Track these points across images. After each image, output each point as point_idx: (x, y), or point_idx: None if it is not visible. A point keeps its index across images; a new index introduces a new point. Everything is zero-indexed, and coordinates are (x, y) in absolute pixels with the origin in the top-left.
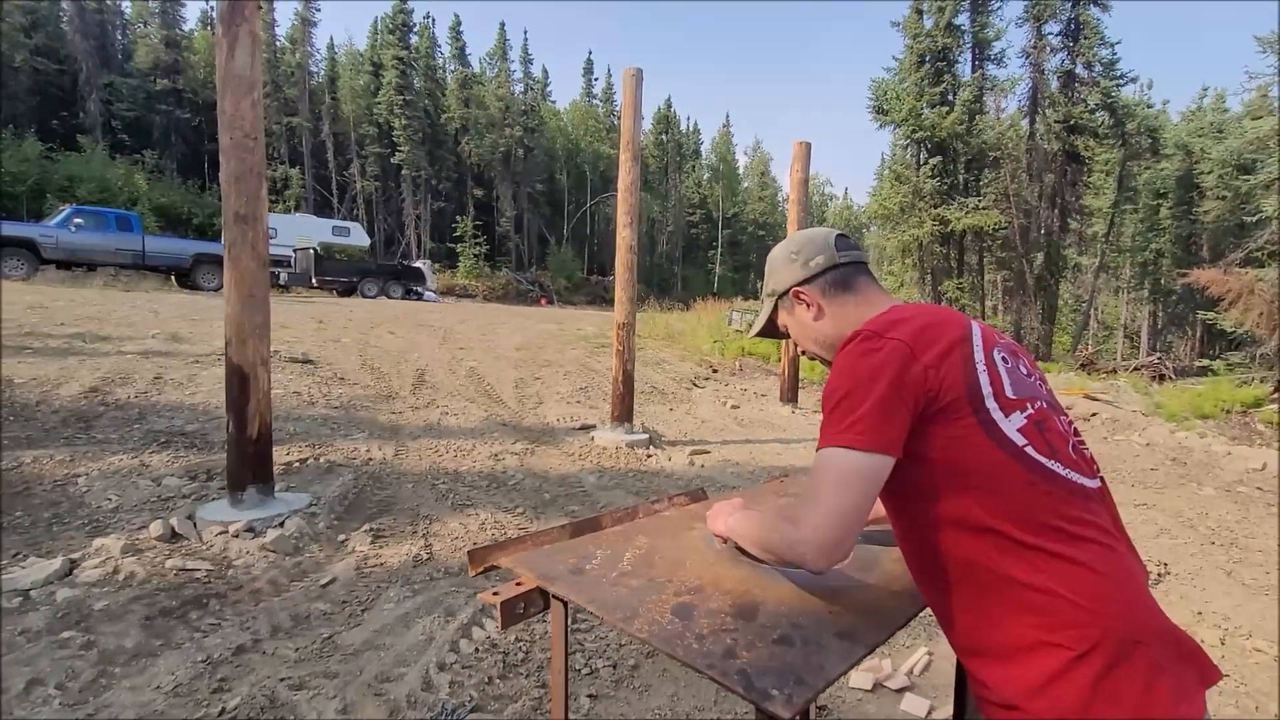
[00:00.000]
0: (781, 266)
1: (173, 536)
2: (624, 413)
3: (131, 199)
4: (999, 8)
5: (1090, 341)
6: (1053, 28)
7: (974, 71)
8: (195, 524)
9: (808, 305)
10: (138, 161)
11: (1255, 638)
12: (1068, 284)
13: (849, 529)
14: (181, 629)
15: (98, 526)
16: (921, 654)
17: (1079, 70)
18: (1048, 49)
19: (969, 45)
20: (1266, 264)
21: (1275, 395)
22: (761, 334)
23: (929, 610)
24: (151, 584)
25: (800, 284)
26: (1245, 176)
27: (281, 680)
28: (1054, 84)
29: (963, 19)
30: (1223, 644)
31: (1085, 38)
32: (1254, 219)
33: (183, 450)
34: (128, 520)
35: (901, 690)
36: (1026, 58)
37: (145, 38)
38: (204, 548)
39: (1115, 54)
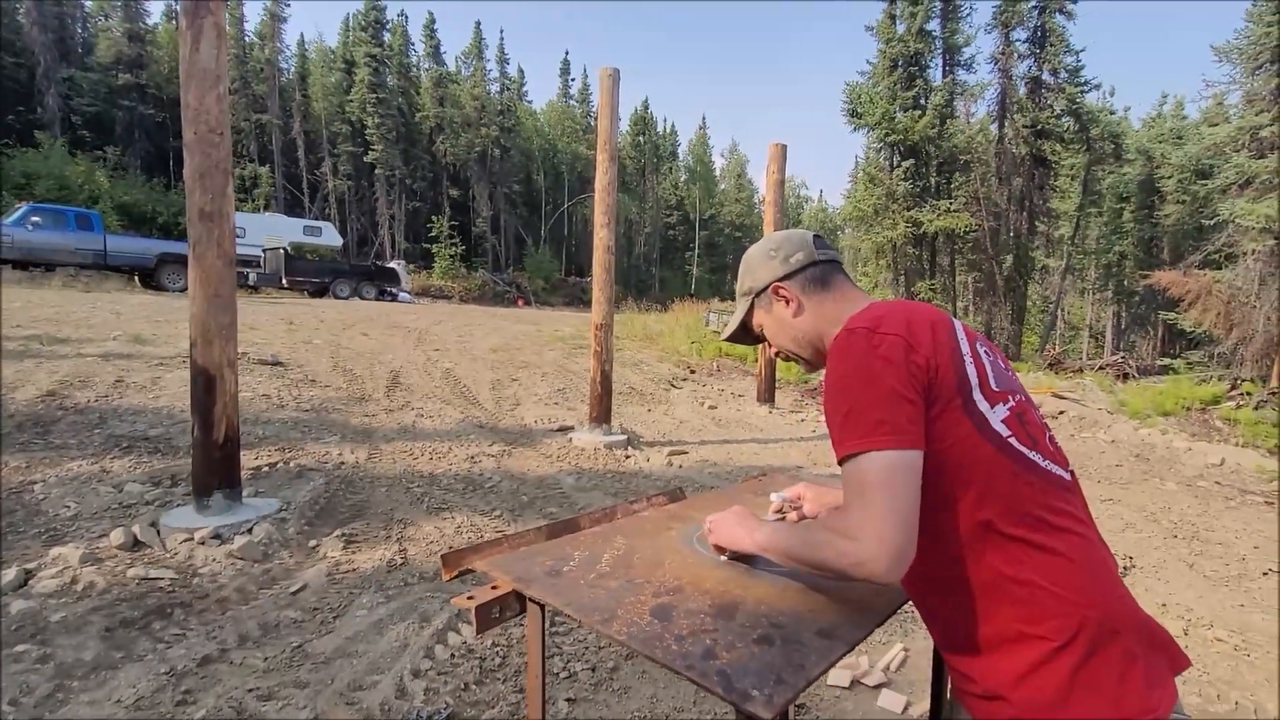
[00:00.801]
0: (760, 264)
1: (135, 544)
2: (602, 414)
3: (92, 197)
4: (969, 14)
5: (1057, 341)
6: (1020, 35)
7: (945, 76)
8: (159, 531)
9: (787, 301)
10: (99, 158)
11: (1216, 628)
12: (1036, 285)
13: (911, 532)
14: (144, 640)
15: (55, 535)
16: (898, 650)
17: (1045, 77)
18: (1015, 55)
19: (940, 50)
20: (1224, 266)
21: (1232, 393)
22: (733, 338)
23: (906, 606)
24: (112, 594)
25: (781, 279)
26: (1203, 181)
27: (249, 691)
28: (1021, 90)
29: (934, 25)
30: (1186, 634)
31: (1051, 45)
32: (1211, 222)
33: (146, 455)
34: (87, 528)
35: (878, 686)
36: (995, 64)
37: (107, 31)
38: (168, 556)
39: (1080, 61)
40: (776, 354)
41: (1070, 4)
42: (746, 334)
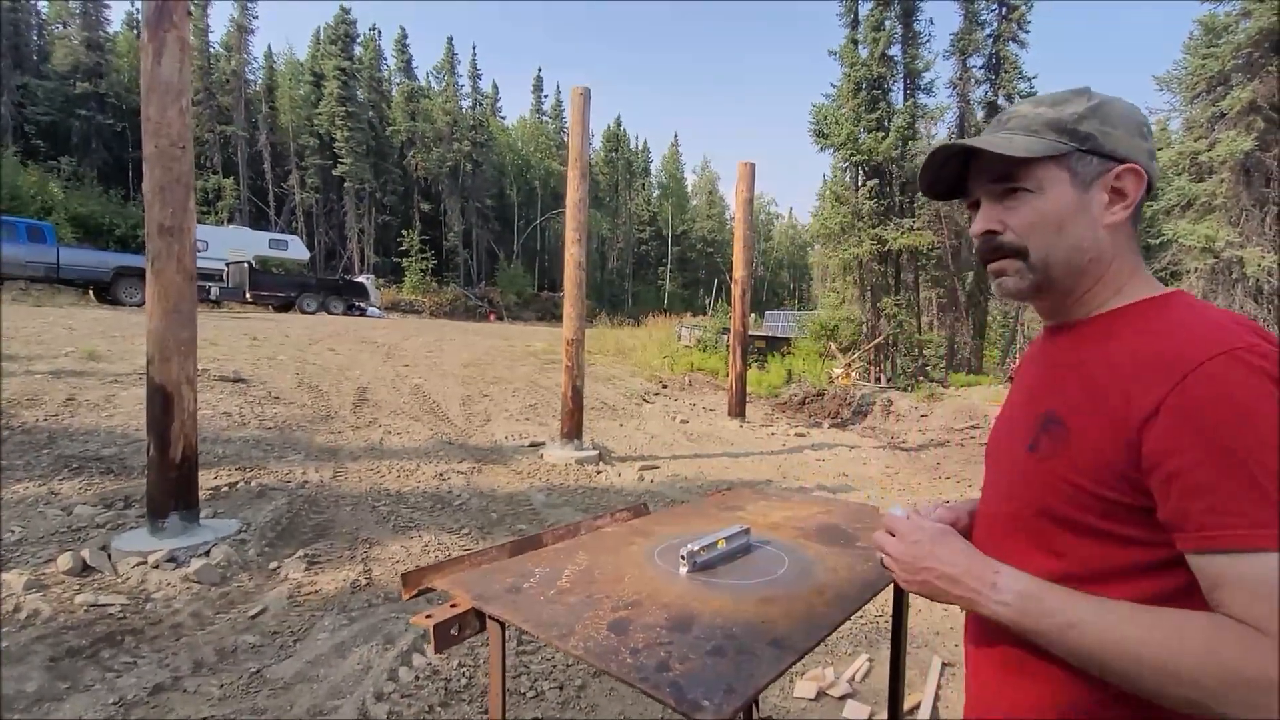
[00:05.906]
0: (1122, 127)
1: (84, 569)
2: (573, 429)
3: (45, 208)
4: (928, 40)
5: (1017, 355)
6: (977, 61)
7: (906, 100)
8: (110, 555)
9: (1114, 198)
10: (53, 168)
11: None
12: (995, 301)
13: None
14: (91, 669)
15: None
16: (862, 661)
17: (1001, 101)
18: (973, 81)
19: (901, 75)
20: (1169, 283)
21: None
22: (931, 184)
23: (865, 619)
24: (58, 622)
25: (1140, 167)
26: (1148, 203)
27: None
28: (979, 113)
29: (895, 50)
30: None
31: (1005, 72)
32: (1157, 241)
33: (97, 476)
34: (33, 553)
35: (844, 698)
36: (954, 88)
37: (64, 38)
38: (119, 580)
39: (1033, 88)
40: (985, 241)
41: (1023, 34)
42: (958, 184)
